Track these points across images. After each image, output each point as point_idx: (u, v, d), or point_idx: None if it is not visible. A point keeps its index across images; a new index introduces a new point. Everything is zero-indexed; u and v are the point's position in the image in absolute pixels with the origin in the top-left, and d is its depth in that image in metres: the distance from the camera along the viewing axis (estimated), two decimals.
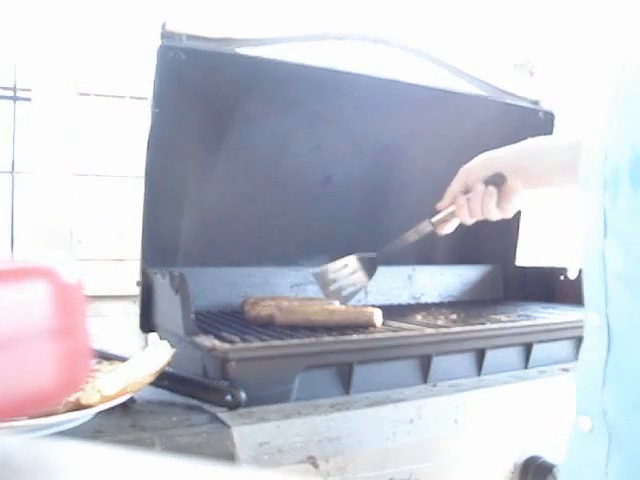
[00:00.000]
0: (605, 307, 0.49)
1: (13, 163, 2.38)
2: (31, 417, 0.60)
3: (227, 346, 0.77)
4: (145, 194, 1.01)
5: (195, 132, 1.09)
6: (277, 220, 1.23)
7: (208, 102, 1.07)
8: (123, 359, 0.79)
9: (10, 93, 2.35)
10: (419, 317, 1.09)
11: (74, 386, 0.32)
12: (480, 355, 0.93)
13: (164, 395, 0.79)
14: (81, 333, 0.31)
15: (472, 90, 1.32)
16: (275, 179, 1.21)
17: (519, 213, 1.47)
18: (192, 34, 0.96)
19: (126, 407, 0.73)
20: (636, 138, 0.45)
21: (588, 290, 0.51)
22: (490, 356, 0.93)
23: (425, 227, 0.97)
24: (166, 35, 0.94)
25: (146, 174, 1.00)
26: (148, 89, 0.96)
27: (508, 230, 1.49)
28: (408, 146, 1.32)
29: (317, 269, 1.02)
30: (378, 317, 0.96)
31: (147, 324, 1.06)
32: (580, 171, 0.52)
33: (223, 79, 1.04)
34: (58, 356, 0.29)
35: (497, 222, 1.09)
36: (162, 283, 0.95)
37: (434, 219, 0.97)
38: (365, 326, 0.94)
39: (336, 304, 1.02)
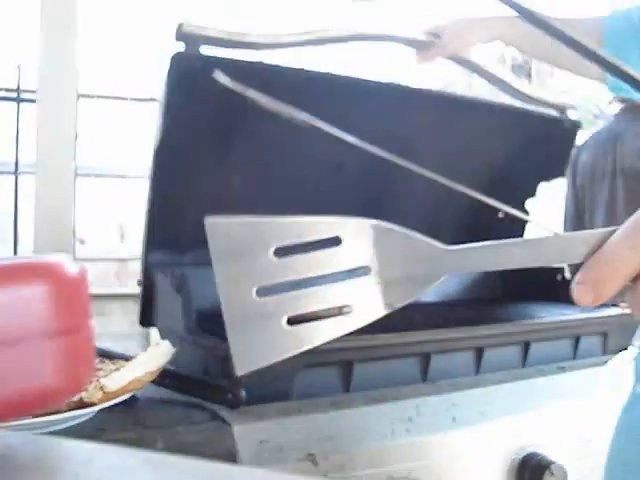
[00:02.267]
0: None
1: (16, 164, 2.39)
2: (34, 415, 0.61)
3: (228, 345, 0.78)
4: (150, 195, 1.01)
5: (204, 137, 1.08)
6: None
7: (219, 108, 1.06)
8: (126, 358, 0.80)
9: (14, 94, 2.36)
10: (418, 316, 1.10)
11: (79, 386, 0.32)
12: (478, 354, 0.93)
13: (166, 393, 0.79)
14: (85, 332, 0.31)
15: (490, 97, 1.30)
16: (275, 179, 1.22)
17: (527, 212, 1.46)
18: (209, 35, 0.92)
19: (128, 405, 0.74)
20: None
21: None
22: (488, 355, 0.94)
23: None
24: (181, 37, 0.91)
25: (152, 178, 0.99)
26: (159, 95, 0.94)
27: (514, 229, 1.49)
28: (420, 146, 1.31)
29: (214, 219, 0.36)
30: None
31: (148, 323, 1.07)
32: None
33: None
34: (63, 355, 0.29)
35: (501, 220, 1.08)
36: (164, 282, 0.96)
37: None
38: None
39: None
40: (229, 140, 1.12)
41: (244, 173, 1.16)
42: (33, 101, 1.68)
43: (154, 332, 1.09)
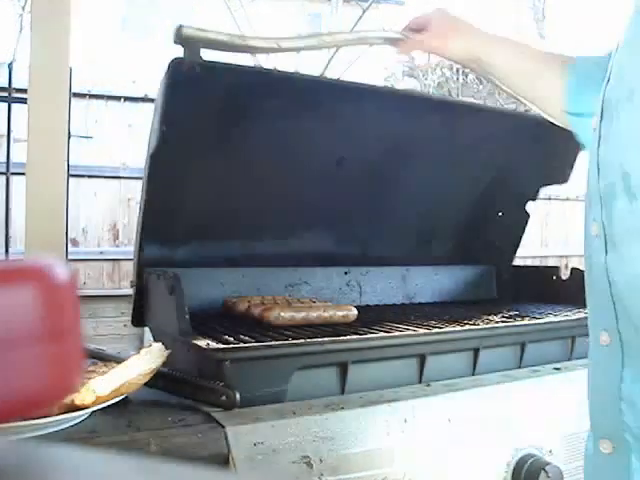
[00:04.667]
0: (616, 324, 0.55)
1: (8, 164, 2.38)
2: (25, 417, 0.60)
3: (221, 346, 0.78)
4: (144, 198, 1.00)
5: (199, 141, 1.07)
6: (270, 222, 1.23)
7: (216, 112, 1.05)
8: (118, 360, 0.79)
9: (5, 94, 2.34)
10: (413, 317, 1.10)
11: (68, 389, 0.32)
12: (474, 355, 0.93)
13: (159, 395, 0.79)
14: (74, 335, 0.31)
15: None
16: (273, 180, 1.21)
17: (527, 215, 1.45)
18: (209, 38, 0.88)
19: (121, 407, 0.73)
20: (624, 157, 0.52)
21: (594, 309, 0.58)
22: (484, 356, 0.93)
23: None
24: (180, 40, 0.86)
25: (147, 180, 0.98)
26: (156, 98, 0.93)
27: (513, 230, 1.48)
28: (416, 149, 1.30)
29: None
30: (353, 314, 1.03)
31: (140, 323, 1.07)
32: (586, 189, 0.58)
33: (237, 90, 1.01)
34: (51, 359, 0.29)
35: (504, 223, 1.07)
36: (157, 284, 0.95)
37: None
38: (342, 323, 0.99)
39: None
40: (225, 143, 1.11)
41: (240, 175, 1.16)
42: (24, 101, 1.67)
43: (147, 334, 1.08)
